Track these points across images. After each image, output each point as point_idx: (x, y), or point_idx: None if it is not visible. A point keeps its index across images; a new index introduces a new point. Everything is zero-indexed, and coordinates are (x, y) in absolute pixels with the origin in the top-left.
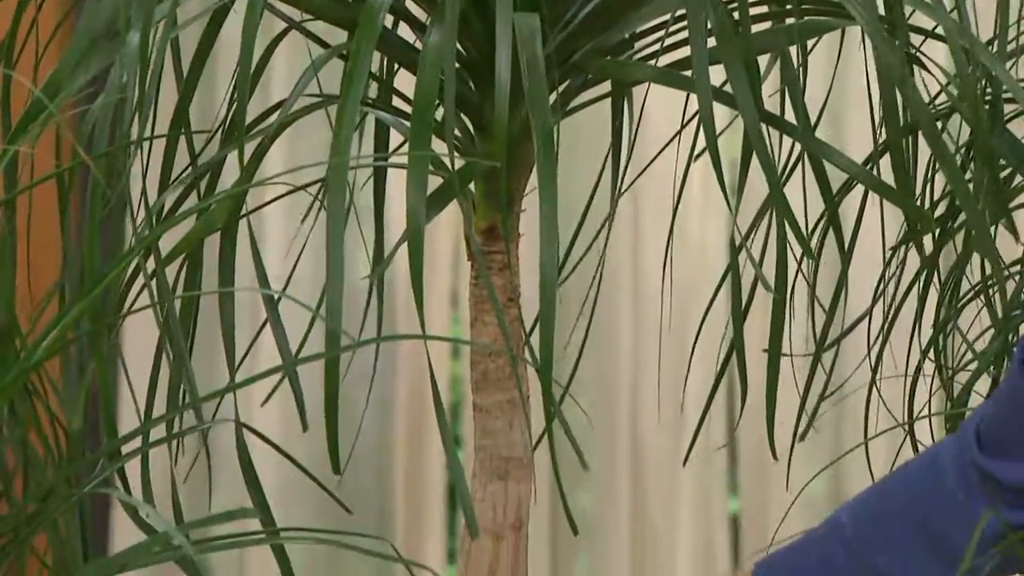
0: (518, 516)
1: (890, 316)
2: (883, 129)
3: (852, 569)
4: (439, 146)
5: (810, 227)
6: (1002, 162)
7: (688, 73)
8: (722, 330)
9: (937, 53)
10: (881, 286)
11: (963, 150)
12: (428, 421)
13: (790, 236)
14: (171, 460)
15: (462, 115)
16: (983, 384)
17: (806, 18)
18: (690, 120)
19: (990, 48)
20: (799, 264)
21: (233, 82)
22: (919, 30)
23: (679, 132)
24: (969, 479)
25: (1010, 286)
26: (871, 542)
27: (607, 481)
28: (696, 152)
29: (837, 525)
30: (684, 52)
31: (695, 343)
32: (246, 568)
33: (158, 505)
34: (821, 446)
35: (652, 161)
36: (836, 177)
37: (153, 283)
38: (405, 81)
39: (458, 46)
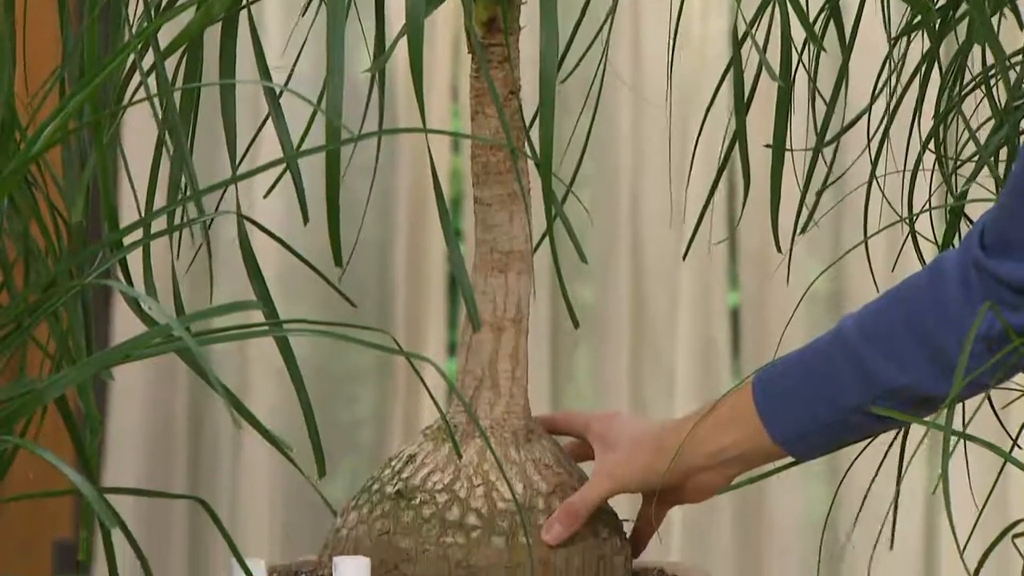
0: (518, 309)
1: (892, 107)
2: None
3: (857, 383)
4: None
5: (811, 20)
6: None
7: None
8: (723, 127)
9: None
10: (883, 75)
11: None
12: (429, 214)
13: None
14: (172, 253)
15: None
16: (985, 178)
17: None
18: None
19: None
20: (800, 56)
21: None
22: None
23: None
24: (970, 283)
25: (1011, 78)
26: (876, 356)
27: (607, 275)
28: None
29: (841, 336)
30: None
31: (698, 136)
32: (247, 361)
33: (160, 300)
34: (821, 242)
35: None
36: None
37: (153, 76)
38: None
39: None
